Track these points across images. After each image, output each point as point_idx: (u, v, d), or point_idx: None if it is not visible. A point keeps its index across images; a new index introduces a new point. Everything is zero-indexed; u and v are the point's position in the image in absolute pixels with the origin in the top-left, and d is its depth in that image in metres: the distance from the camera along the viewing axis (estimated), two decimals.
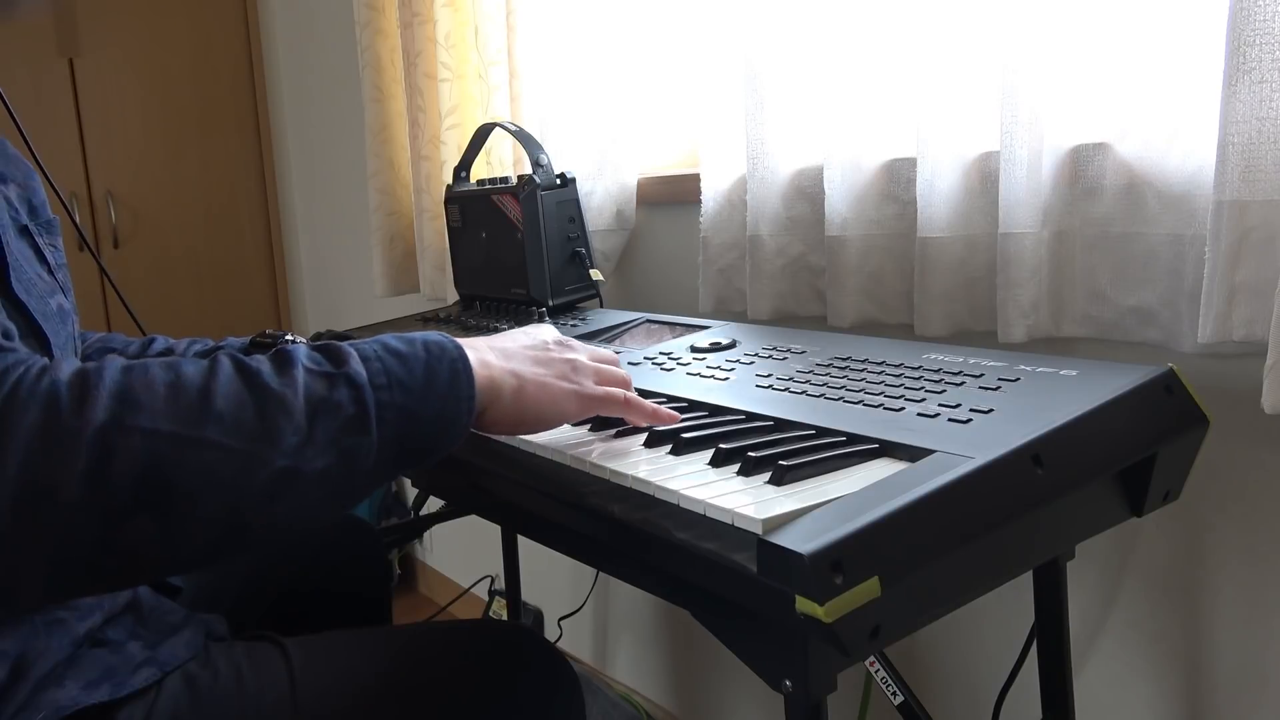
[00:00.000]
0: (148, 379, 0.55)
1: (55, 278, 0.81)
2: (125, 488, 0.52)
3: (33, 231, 0.82)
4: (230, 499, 0.55)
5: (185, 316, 2.67)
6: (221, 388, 0.57)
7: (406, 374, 0.63)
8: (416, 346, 0.65)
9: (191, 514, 0.54)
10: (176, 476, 0.53)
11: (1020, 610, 1.07)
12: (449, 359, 0.65)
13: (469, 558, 2.22)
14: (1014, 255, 0.92)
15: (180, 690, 0.74)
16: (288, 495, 0.57)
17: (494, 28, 1.55)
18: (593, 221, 1.44)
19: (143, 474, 0.53)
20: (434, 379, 0.64)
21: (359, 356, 0.62)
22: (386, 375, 0.62)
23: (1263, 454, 0.87)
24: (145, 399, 0.54)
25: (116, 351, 1.02)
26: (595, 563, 0.77)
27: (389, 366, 0.62)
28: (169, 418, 0.54)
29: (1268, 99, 0.73)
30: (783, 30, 1.11)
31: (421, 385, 0.63)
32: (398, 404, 0.61)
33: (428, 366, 0.64)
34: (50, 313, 0.79)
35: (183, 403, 0.55)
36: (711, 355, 0.95)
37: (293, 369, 0.59)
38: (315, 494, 0.59)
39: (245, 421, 0.56)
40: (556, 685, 0.86)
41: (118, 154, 2.56)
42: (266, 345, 1.00)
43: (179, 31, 2.61)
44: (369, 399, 0.60)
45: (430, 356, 0.64)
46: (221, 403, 0.56)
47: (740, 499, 0.58)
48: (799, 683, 0.56)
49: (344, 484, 0.60)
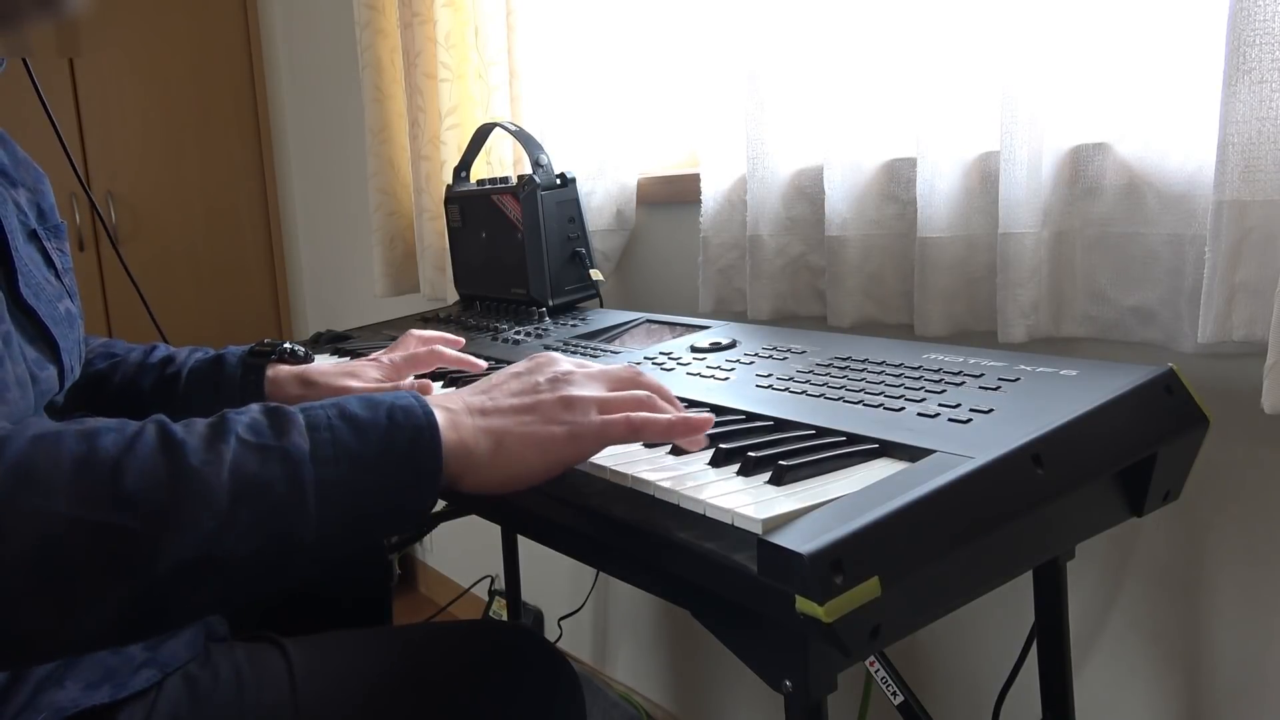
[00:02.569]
0: (56, 452, 0.51)
1: (63, 282, 0.81)
2: (15, 570, 0.48)
3: (41, 236, 0.82)
4: (135, 587, 0.50)
5: (185, 316, 2.67)
6: (136, 464, 0.51)
7: (359, 445, 0.57)
8: (380, 412, 0.59)
9: (91, 603, 0.50)
10: (72, 563, 0.49)
11: (1020, 610, 1.07)
12: (413, 426, 0.59)
13: (469, 558, 2.22)
14: (1014, 255, 0.92)
15: (180, 691, 0.74)
16: (209, 582, 0.52)
17: (494, 28, 1.55)
18: (593, 221, 1.44)
19: (36, 557, 0.48)
20: (391, 450, 0.57)
21: (307, 425, 0.57)
22: (334, 447, 0.56)
23: (1263, 454, 0.87)
24: (45, 475, 0.50)
25: (118, 357, 1.02)
26: (595, 563, 0.76)
27: (339, 437, 0.57)
28: (69, 498, 0.49)
29: (1268, 99, 0.73)
30: (783, 30, 1.11)
31: (375, 458, 0.57)
32: (345, 481, 0.56)
33: (387, 436, 0.58)
34: (59, 317, 0.79)
35: (88, 480, 0.50)
36: (711, 355, 0.95)
37: (223, 442, 0.54)
38: (244, 577, 0.54)
39: (155, 503, 0.51)
40: (556, 685, 0.86)
41: (118, 154, 2.56)
42: (265, 354, 1.00)
43: (179, 31, 2.61)
44: (306, 477, 0.54)
45: (392, 424, 0.58)
46: (132, 482, 0.51)
47: (740, 499, 0.58)
48: (799, 683, 0.56)
49: (276, 568, 0.55)
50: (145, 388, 0.99)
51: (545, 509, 0.70)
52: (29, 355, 0.73)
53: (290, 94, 2.70)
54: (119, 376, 1.00)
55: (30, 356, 0.73)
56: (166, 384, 0.99)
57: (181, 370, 1.00)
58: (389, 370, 0.99)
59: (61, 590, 0.49)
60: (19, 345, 0.72)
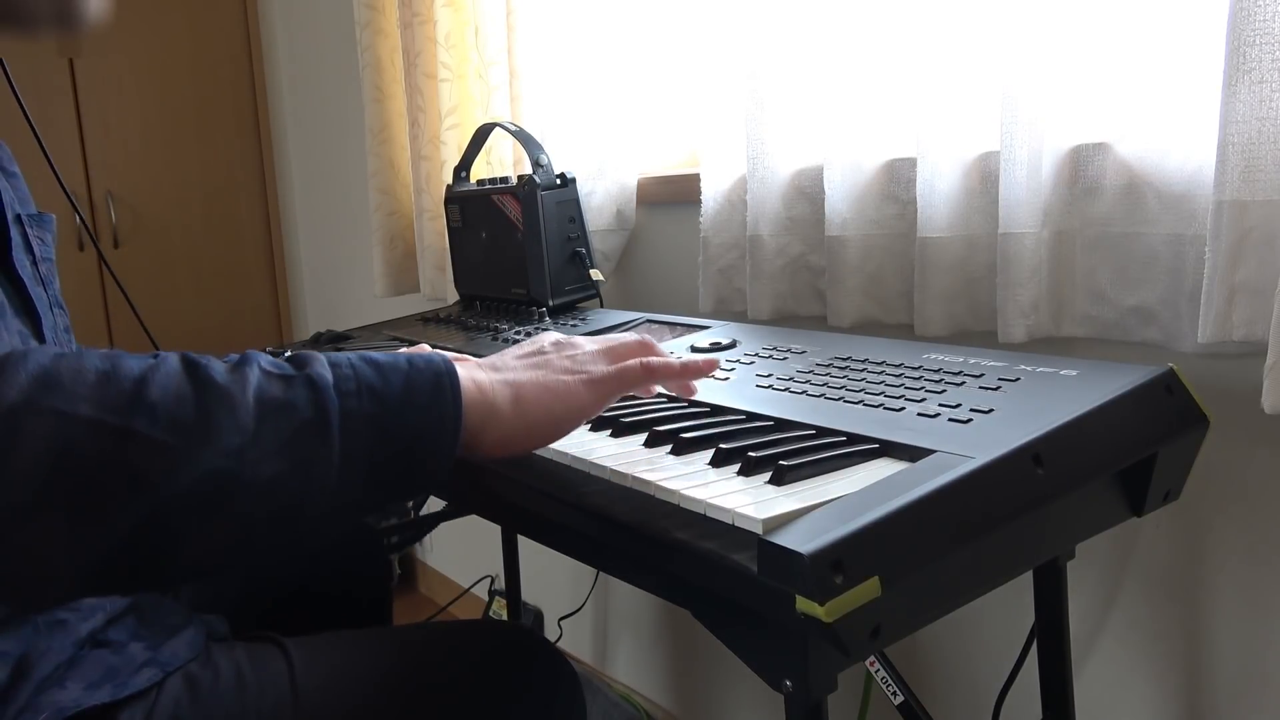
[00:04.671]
0: (80, 364, 0.50)
1: (38, 270, 0.82)
2: (30, 476, 0.46)
3: (25, 222, 0.83)
4: (153, 501, 0.48)
5: (185, 316, 2.67)
6: (160, 378, 0.51)
7: (381, 382, 0.56)
8: (399, 358, 0.59)
9: (106, 516, 0.48)
10: (89, 468, 0.47)
11: (1020, 610, 1.07)
12: (433, 371, 0.58)
13: (469, 558, 2.22)
14: (1014, 255, 0.92)
15: (181, 691, 0.74)
16: (226, 506, 0.50)
17: (494, 28, 1.55)
18: (593, 221, 1.44)
19: (52, 462, 0.46)
20: (413, 390, 0.57)
21: (328, 361, 0.56)
22: (357, 381, 0.55)
23: (1263, 454, 0.87)
24: (69, 382, 0.48)
25: None
26: (595, 563, 0.76)
27: (361, 373, 0.56)
28: (92, 402, 0.48)
29: (1268, 99, 0.73)
30: (783, 30, 1.11)
31: (398, 395, 0.56)
32: (367, 413, 0.55)
33: (408, 377, 0.57)
34: (39, 296, 0.80)
35: (112, 389, 0.49)
36: (712, 355, 0.95)
37: (247, 367, 0.54)
38: (261, 509, 0.52)
39: (180, 415, 0.49)
40: (557, 685, 0.86)
41: (118, 154, 2.56)
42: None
43: (179, 31, 2.61)
44: (331, 403, 0.53)
45: (412, 368, 0.58)
46: (157, 393, 0.50)
47: (740, 499, 0.58)
48: (799, 683, 0.56)
49: (297, 500, 0.53)
50: None
51: (545, 509, 0.70)
52: (15, 327, 0.74)
53: (290, 94, 2.70)
54: None
55: (15, 328, 0.74)
56: None
57: None
58: None
59: (77, 498, 0.47)
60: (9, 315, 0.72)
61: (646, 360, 0.65)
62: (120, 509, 0.48)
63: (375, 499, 0.57)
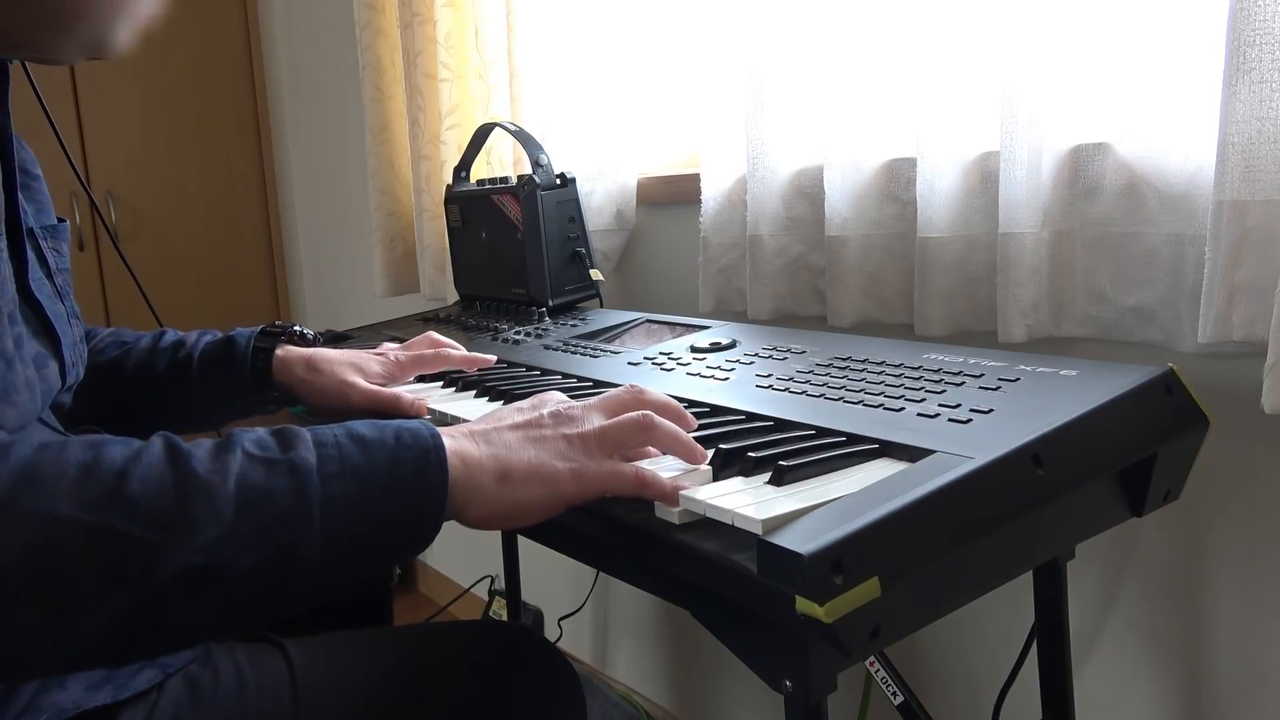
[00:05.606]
0: (61, 458, 0.51)
1: (54, 282, 0.82)
2: (8, 573, 0.47)
3: (38, 235, 0.82)
4: (132, 596, 0.50)
5: (185, 316, 2.67)
6: (142, 471, 0.51)
7: (366, 463, 0.56)
8: (387, 433, 0.59)
9: (84, 611, 0.49)
10: (69, 566, 0.48)
11: (1020, 610, 1.07)
12: (420, 448, 0.58)
13: (469, 558, 2.22)
14: (1014, 255, 0.92)
15: (181, 691, 0.74)
16: (207, 595, 0.52)
17: (494, 28, 1.55)
18: (593, 221, 1.44)
19: (30, 560, 0.48)
20: (398, 469, 0.57)
21: (314, 441, 0.57)
22: (341, 463, 0.56)
23: (1263, 454, 0.87)
24: (49, 478, 0.50)
25: (127, 344, 1.02)
26: (595, 563, 0.76)
27: (346, 453, 0.57)
28: (71, 500, 0.49)
29: (1268, 99, 0.73)
30: (783, 30, 1.11)
31: (383, 477, 0.57)
32: (350, 497, 0.55)
33: (394, 455, 0.58)
34: (59, 314, 0.79)
35: (93, 484, 0.50)
36: (711, 355, 0.95)
37: (231, 454, 0.54)
38: (241, 593, 0.53)
39: (159, 509, 0.50)
40: (557, 685, 0.86)
41: (118, 154, 2.56)
42: (275, 335, 1.01)
43: (179, 31, 2.61)
44: (313, 489, 0.54)
45: (399, 444, 0.58)
46: (138, 487, 0.51)
47: (740, 499, 0.58)
48: (799, 683, 0.56)
49: (278, 585, 0.54)
50: (159, 372, 1.00)
51: None
52: (32, 351, 0.74)
53: (290, 94, 2.70)
54: (132, 363, 1.01)
55: (33, 352, 0.74)
56: (180, 367, 1.00)
57: (194, 353, 1.01)
58: (393, 367, 1.00)
59: (56, 596, 0.48)
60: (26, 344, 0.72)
61: (641, 474, 0.62)
62: (99, 603, 0.49)
63: (358, 572, 0.58)
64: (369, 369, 0.98)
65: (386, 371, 0.99)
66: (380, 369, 0.99)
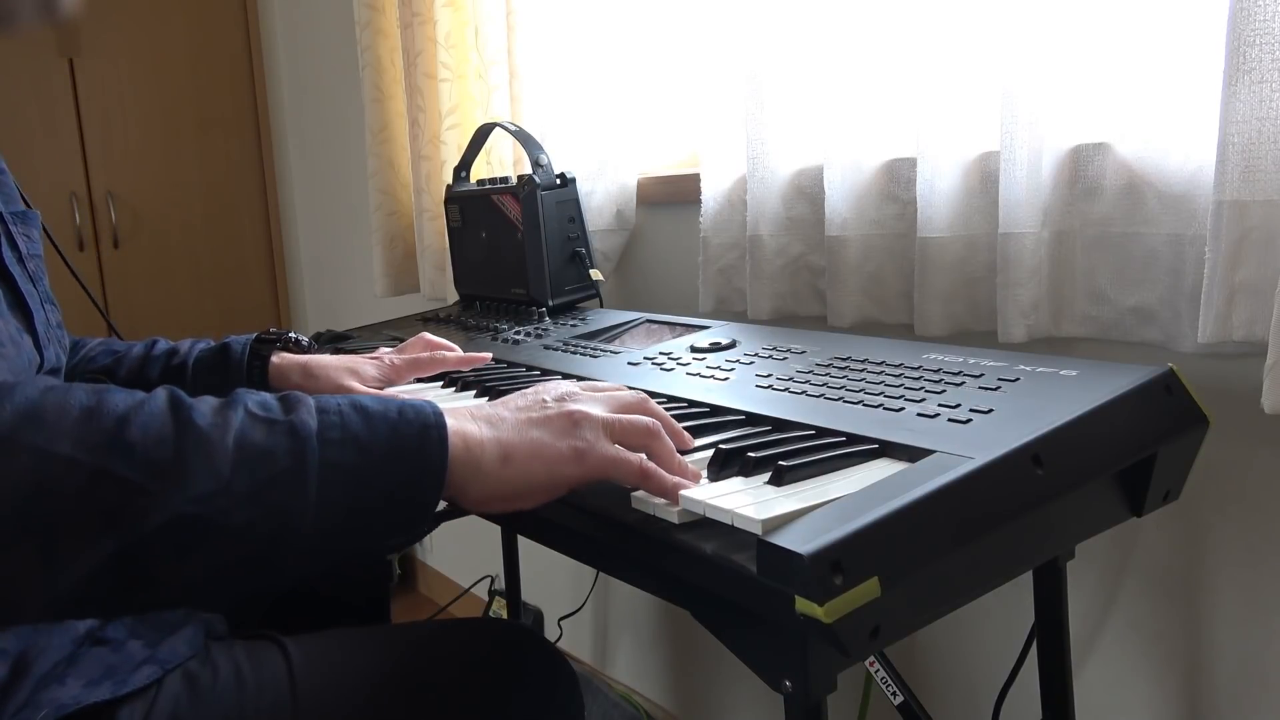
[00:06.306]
0: (65, 400, 0.51)
1: (25, 267, 0.82)
2: (6, 508, 0.48)
3: (8, 220, 0.83)
4: (123, 541, 0.50)
5: (185, 316, 2.67)
6: (144, 418, 0.52)
7: (367, 433, 0.56)
8: (391, 406, 0.58)
9: (78, 550, 0.49)
10: (63, 506, 0.49)
11: (1020, 610, 1.07)
12: (421, 423, 0.58)
13: (469, 558, 2.22)
14: (1014, 255, 0.92)
15: (180, 688, 0.74)
16: (197, 548, 0.51)
17: (494, 28, 1.55)
18: (593, 221, 1.44)
19: (26, 496, 0.48)
20: (399, 442, 0.57)
21: (317, 408, 0.56)
22: (342, 429, 0.55)
23: (1263, 454, 0.87)
24: (52, 418, 0.50)
25: (119, 353, 1.03)
26: (595, 563, 0.76)
27: (348, 421, 0.56)
28: (72, 439, 0.50)
29: (1268, 99, 0.73)
30: (783, 31, 1.11)
31: (383, 446, 0.56)
32: (348, 464, 0.55)
33: (395, 428, 0.57)
34: (31, 294, 0.81)
35: (94, 427, 0.50)
36: (711, 355, 0.95)
37: (233, 410, 0.54)
38: (232, 553, 0.52)
39: (157, 457, 0.51)
40: (556, 685, 0.86)
41: (118, 154, 2.55)
42: (270, 342, 1.01)
43: (179, 31, 2.61)
44: (311, 453, 0.54)
45: (401, 419, 0.58)
46: (138, 433, 0.51)
47: (740, 499, 0.58)
48: (799, 683, 0.56)
49: (270, 546, 0.53)
50: (153, 379, 1.00)
51: (545, 509, 0.70)
52: (13, 324, 0.75)
53: (290, 94, 2.70)
54: (124, 371, 1.01)
55: (13, 324, 0.75)
56: (173, 374, 1.00)
57: (188, 360, 1.01)
58: (389, 371, 1.00)
59: (48, 534, 0.49)
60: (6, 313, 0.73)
61: (646, 466, 0.62)
62: (91, 544, 0.49)
63: (353, 545, 0.57)
64: (365, 373, 0.98)
65: (383, 375, 0.99)
66: (376, 373, 0.99)
